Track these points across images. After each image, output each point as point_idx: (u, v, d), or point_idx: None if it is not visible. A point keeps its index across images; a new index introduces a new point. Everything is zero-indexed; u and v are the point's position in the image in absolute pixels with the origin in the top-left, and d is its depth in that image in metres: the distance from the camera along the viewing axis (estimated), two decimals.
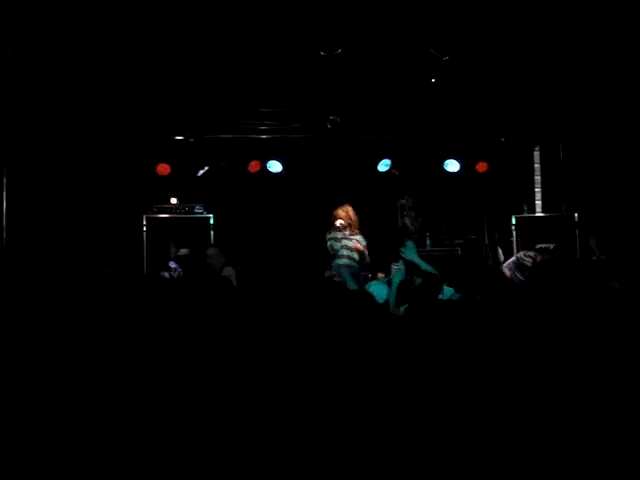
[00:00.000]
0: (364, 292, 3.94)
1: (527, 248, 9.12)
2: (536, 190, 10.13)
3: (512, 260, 7.62)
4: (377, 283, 4.70)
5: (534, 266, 6.97)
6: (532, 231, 9.44)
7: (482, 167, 10.06)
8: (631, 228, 7.87)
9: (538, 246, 8.70)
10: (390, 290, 4.21)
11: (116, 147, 8.95)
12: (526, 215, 9.87)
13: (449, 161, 9.92)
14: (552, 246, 8.69)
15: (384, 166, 9.82)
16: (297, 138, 9.80)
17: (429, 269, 5.35)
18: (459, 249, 9.72)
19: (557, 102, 8.96)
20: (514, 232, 9.38)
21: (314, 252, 7.23)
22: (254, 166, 9.70)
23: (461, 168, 9.97)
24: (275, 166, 9.70)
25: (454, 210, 10.24)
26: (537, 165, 10.19)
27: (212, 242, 8.85)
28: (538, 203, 10.11)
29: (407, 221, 9.67)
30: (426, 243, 9.85)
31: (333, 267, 7.01)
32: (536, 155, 10.22)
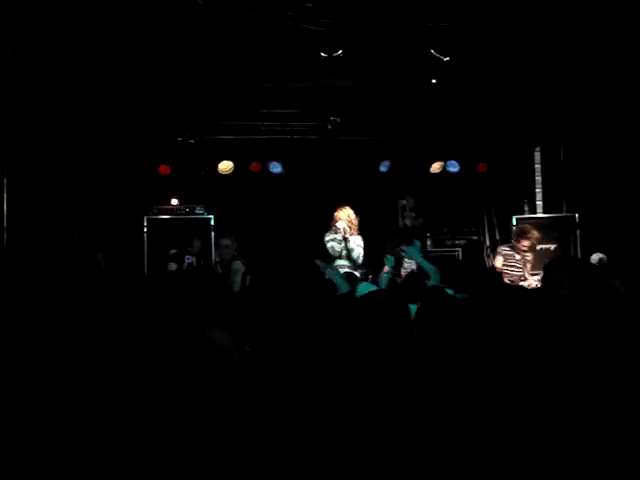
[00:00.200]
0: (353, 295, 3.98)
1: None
2: (537, 191, 10.13)
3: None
4: (366, 285, 4.70)
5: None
6: None
7: (482, 167, 10.07)
8: (632, 228, 7.86)
9: (539, 247, 8.71)
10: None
11: (117, 148, 8.96)
12: (527, 216, 9.87)
13: (450, 162, 9.94)
14: (553, 247, 8.71)
15: (384, 168, 9.86)
16: (297, 139, 9.81)
17: (430, 270, 5.35)
18: (459, 250, 9.72)
19: (558, 103, 8.96)
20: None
21: (314, 252, 7.21)
22: (255, 166, 9.72)
23: (460, 169, 9.99)
24: (275, 167, 9.72)
25: (455, 211, 10.24)
26: (538, 165, 10.19)
27: (212, 240, 8.84)
28: (539, 204, 10.11)
29: (408, 222, 9.67)
30: (427, 244, 9.85)
31: (332, 268, 7.00)
32: (537, 156, 10.21)
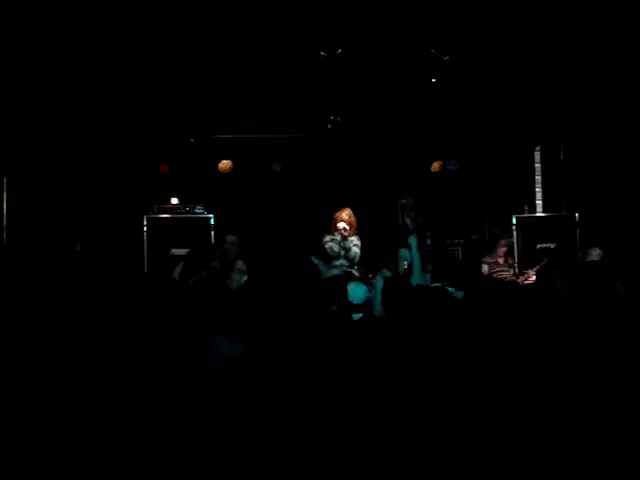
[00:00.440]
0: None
1: (528, 248, 9.17)
2: (537, 190, 10.13)
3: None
4: (355, 284, 4.69)
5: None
6: (533, 231, 9.44)
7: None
8: (632, 227, 7.87)
9: (539, 246, 8.71)
10: (375, 296, 4.26)
11: (117, 148, 8.95)
12: (527, 215, 9.86)
13: (449, 161, 9.95)
14: (553, 246, 8.70)
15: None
16: (297, 138, 9.80)
17: (417, 269, 5.36)
18: (459, 249, 9.72)
19: (558, 102, 8.96)
20: (515, 232, 9.37)
21: (315, 252, 7.20)
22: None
23: (460, 167, 10.00)
24: (276, 166, 9.72)
25: (455, 210, 10.23)
26: (538, 165, 10.18)
27: (213, 241, 8.83)
28: (539, 203, 10.10)
29: (408, 221, 9.67)
30: (427, 243, 9.85)
31: (332, 269, 7.01)
32: (537, 155, 10.21)
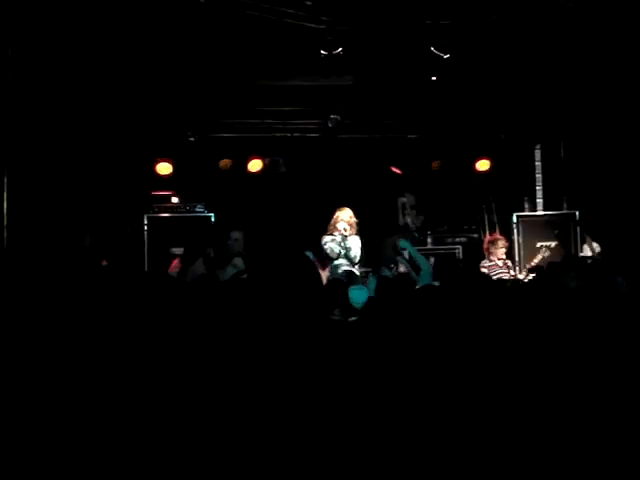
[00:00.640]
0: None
1: (529, 246, 9.17)
2: (537, 188, 10.13)
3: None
4: (357, 288, 4.72)
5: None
6: (533, 229, 9.45)
7: (484, 165, 10.06)
8: (632, 224, 7.87)
9: (539, 244, 8.72)
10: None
11: (117, 147, 8.96)
12: (527, 213, 9.87)
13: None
14: (553, 244, 8.71)
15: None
16: (298, 137, 9.80)
17: (424, 266, 5.38)
18: (460, 248, 9.72)
19: (558, 100, 8.96)
20: (515, 230, 9.38)
21: (315, 251, 7.20)
22: (255, 166, 9.72)
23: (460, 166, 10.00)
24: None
25: (455, 208, 10.23)
26: (538, 163, 10.18)
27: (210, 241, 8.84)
28: (539, 201, 10.11)
29: (408, 219, 9.68)
30: (427, 241, 9.85)
31: (332, 270, 7.01)
32: (537, 153, 10.20)
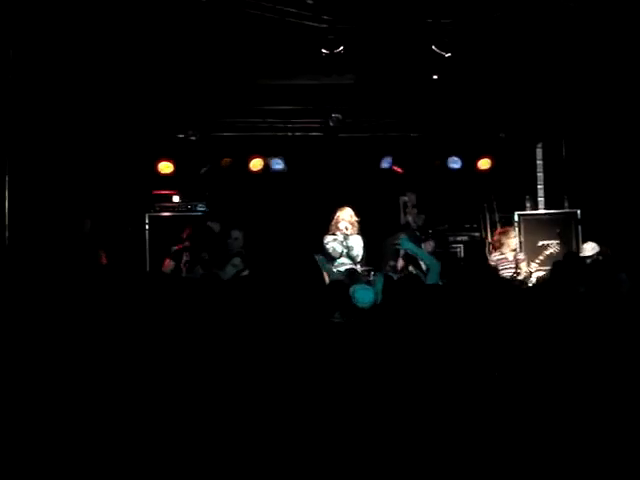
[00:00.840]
0: None
1: (529, 245, 9.16)
2: (539, 187, 10.12)
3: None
4: (362, 288, 4.71)
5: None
6: (535, 227, 9.44)
7: (485, 164, 10.05)
8: (634, 223, 7.87)
9: (540, 243, 8.71)
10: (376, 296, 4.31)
11: (119, 146, 8.96)
12: (529, 212, 9.86)
13: (452, 159, 9.92)
14: (555, 243, 8.69)
15: (386, 164, 9.84)
16: (299, 136, 9.80)
17: (431, 265, 5.37)
18: (461, 246, 9.71)
19: (559, 98, 8.95)
20: (517, 229, 9.37)
21: (315, 251, 7.20)
22: (256, 165, 9.72)
23: (462, 165, 9.97)
24: (277, 164, 9.71)
25: (457, 207, 10.22)
26: (540, 162, 10.17)
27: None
28: (541, 200, 10.10)
29: (409, 218, 9.66)
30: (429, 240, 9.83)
31: (333, 270, 7.01)
32: (539, 152, 10.20)
